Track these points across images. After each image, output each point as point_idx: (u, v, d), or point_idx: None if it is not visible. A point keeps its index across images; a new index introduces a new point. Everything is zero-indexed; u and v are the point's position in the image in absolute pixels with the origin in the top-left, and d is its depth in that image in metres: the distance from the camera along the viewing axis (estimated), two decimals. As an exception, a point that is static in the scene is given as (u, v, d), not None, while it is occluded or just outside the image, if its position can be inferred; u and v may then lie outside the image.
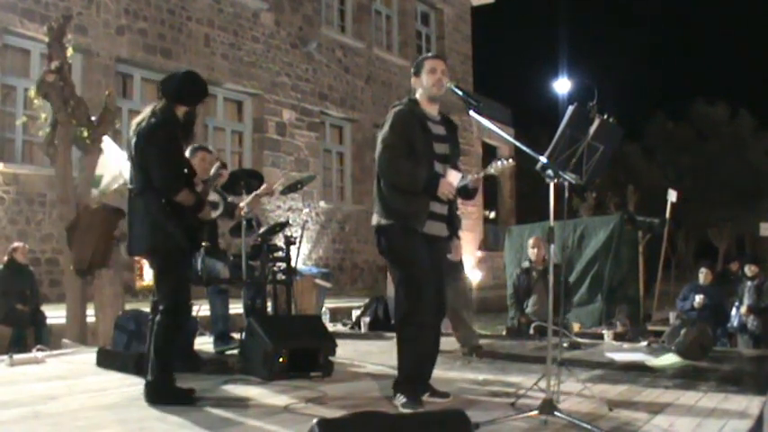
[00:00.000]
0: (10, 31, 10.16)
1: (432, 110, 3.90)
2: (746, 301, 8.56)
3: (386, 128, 3.79)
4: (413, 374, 3.73)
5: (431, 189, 3.67)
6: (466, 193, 3.91)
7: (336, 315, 8.80)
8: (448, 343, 5.91)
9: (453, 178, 3.70)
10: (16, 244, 8.19)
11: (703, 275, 8.84)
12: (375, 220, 3.84)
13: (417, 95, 3.91)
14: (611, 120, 3.72)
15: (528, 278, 7.60)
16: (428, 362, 3.85)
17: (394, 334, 4.03)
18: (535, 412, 3.38)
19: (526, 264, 7.81)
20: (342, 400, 3.85)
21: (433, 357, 3.95)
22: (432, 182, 3.67)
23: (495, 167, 3.79)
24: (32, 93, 6.72)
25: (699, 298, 8.47)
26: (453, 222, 3.97)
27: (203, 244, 5.18)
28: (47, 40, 6.64)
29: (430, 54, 4.14)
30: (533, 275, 7.55)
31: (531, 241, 7.81)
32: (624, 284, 9.68)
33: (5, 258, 7.95)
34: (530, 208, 18.03)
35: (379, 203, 3.81)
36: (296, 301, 6.34)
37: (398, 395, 3.69)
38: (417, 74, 3.89)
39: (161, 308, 3.83)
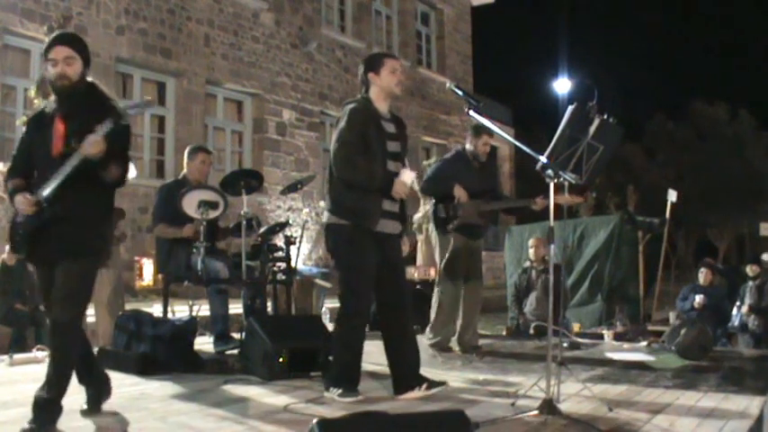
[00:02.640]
0: (10, 31, 10.15)
1: (384, 108, 3.95)
2: (747, 300, 8.57)
3: (342, 125, 3.83)
4: (346, 371, 3.86)
5: (385, 187, 3.70)
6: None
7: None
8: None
9: (407, 177, 3.75)
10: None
11: (703, 275, 8.84)
12: (326, 217, 3.88)
13: (372, 93, 3.92)
14: (610, 120, 3.72)
15: (527, 278, 7.64)
16: (360, 358, 3.94)
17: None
18: (535, 412, 3.38)
19: (527, 263, 7.85)
20: (342, 401, 3.85)
21: (414, 351, 4.00)
22: (387, 180, 3.71)
23: (565, 199, 3.96)
24: (32, 93, 6.72)
25: (699, 298, 8.47)
26: (405, 220, 4.03)
27: (202, 243, 5.18)
28: (47, 40, 6.63)
29: (385, 52, 4.24)
30: (532, 275, 7.58)
31: (531, 241, 7.85)
32: (624, 284, 9.68)
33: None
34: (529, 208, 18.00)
35: (332, 202, 3.85)
36: (296, 301, 6.34)
37: (332, 389, 3.79)
38: (374, 70, 3.91)
39: None
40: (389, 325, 3.98)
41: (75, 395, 3.96)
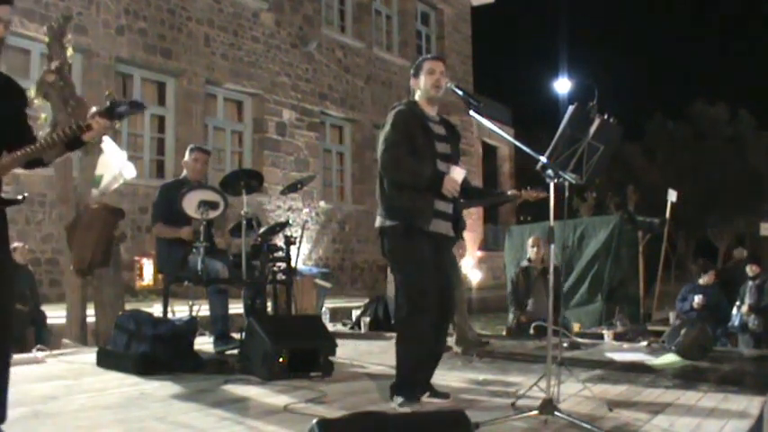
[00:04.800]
0: (10, 30, 10.14)
1: (431, 111, 3.90)
2: (747, 300, 8.57)
3: (387, 127, 3.79)
4: (410, 378, 3.72)
5: (435, 185, 3.66)
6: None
7: (336, 315, 8.80)
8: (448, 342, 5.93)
9: (458, 175, 3.68)
10: (16, 244, 8.17)
11: (708, 277, 8.82)
12: (379, 221, 3.82)
13: (416, 97, 3.91)
14: (611, 119, 3.72)
15: (527, 278, 7.63)
16: (426, 365, 3.83)
17: (394, 334, 4.03)
18: (535, 412, 3.38)
19: (525, 263, 7.83)
20: (342, 400, 3.85)
21: (436, 358, 3.95)
22: (436, 178, 3.66)
23: (530, 195, 4.00)
24: (32, 93, 6.71)
25: (698, 298, 8.47)
26: (459, 222, 3.95)
27: (202, 243, 5.18)
28: (47, 40, 6.63)
29: (429, 55, 4.14)
30: (533, 275, 7.58)
31: (530, 240, 7.84)
32: (624, 284, 9.68)
33: None
34: (530, 208, 18.03)
35: (383, 205, 3.80)
36: (296, 301, 6.34)
37: (396, 397, 3.69)
38: (416, 75, 3.89)
39: None
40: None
41: (74, 395, 3.97)
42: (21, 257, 8.00)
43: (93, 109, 2.84)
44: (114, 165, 7.02)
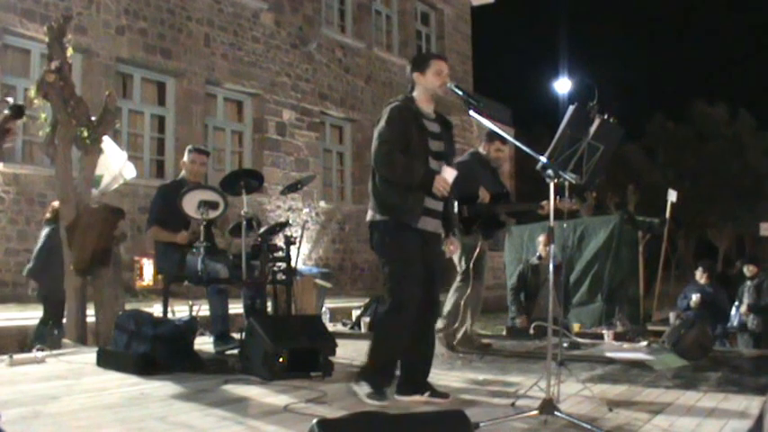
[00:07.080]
0: (10, 31, 10.16)
1: (428, 108, 3.92)
2: (746, 300, 8.58)
3: (382, 123, 3.82)
4: (383, 366, 3.77)
5: (426, 184, 3.68)
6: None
7: (336, 315, 8.79)
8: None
9: (449, 175, 3.72)
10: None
11: (698, 274, 8.87)
12: (369, 215, 3.88)
13: (415, 92, 3.92)
14: (611, 120, 3.72)
15: (536, 276, 7.62)
16: (399, 356, 3.85)
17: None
18: (535, 412, 3.38)
19: (535, 260, 7.81)
20: (342, 400, 3.84)
21: (427, 357, 3.95)
22: (427, 177, 3.68)
23: (566, 206, 4.08)
24: (32, 93, 6.71)
25: (695, 297, 8.48)
26: (450, 220, 3.98)
27: (202, 243, 5.17)
28: (47, 40, 6.63)
29: (435, 53, 4.17)
30: (543, 273, 7.55)
31: (541, 238, 7.83)
32: (624, 284, 9.66)
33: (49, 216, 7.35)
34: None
35: (375, 199, 3.84)
36: (296, 301, 6.33)
37: (362, 383, 3.72)
38: (421, 71, 3.89)
39: None
40: (412, 325, 3.90)
41: (74, 395, 3.97)
42: None
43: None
44: (114, 165, 7.03)
